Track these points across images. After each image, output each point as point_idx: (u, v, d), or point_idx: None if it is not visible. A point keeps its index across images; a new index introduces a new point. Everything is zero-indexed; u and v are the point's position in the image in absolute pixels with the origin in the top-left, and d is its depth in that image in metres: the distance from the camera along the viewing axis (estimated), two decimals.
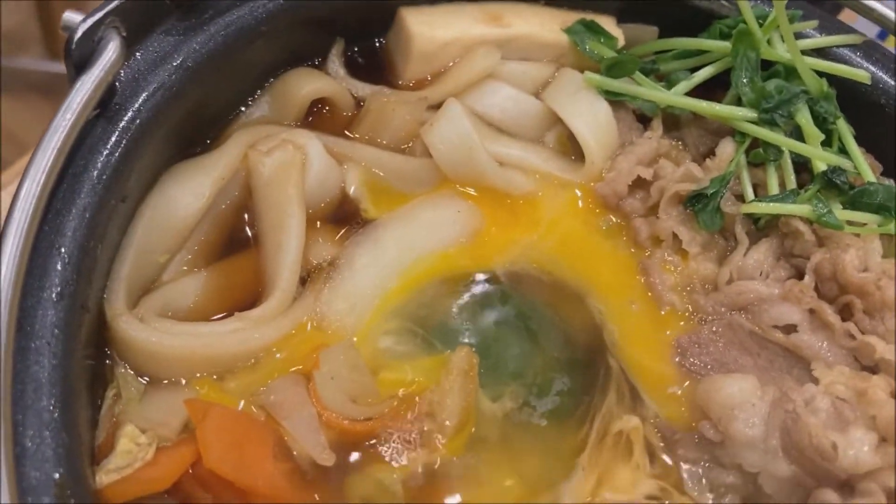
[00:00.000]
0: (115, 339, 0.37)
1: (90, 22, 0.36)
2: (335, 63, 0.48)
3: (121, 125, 0.37)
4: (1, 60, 2.04)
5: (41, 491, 0.30)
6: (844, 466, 0.37)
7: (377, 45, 0.51)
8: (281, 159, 0.42)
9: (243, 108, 0.46)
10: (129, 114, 0.38)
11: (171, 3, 0.40)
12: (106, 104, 0.37)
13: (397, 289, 0.42)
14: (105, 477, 0.34)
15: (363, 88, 0.48)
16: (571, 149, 0.50)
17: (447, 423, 0.38)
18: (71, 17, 0.37)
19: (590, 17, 0.52)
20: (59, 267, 0.34)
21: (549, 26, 0.52)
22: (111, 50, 0.37)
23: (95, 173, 0.36)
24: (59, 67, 2.19)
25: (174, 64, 0.40)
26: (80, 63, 0.36)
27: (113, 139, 0.37)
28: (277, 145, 0.43)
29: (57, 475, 0.30)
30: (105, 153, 0.36)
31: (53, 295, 0.33)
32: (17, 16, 2.17)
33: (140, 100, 0.38)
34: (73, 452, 0.32)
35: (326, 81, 0.47)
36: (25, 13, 2.20)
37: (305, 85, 0.46)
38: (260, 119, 0.46)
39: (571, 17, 0.53)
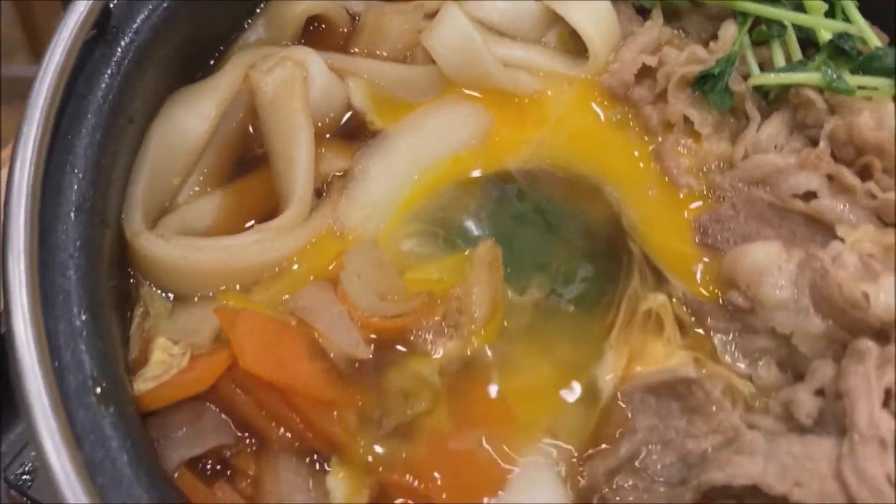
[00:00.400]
0: (137, 257, 0.37)
1: None
2: None
3: (120, 46, 0.37)
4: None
5: (82, 394, 0.30)
6: (878, 314, 0.37)
7: None
8: (282, 76, 0.42)
9: (240, 32, 0.46)
10: (128, 36, 0.38)
11: None
12: (102, 27, 0.37)
13: (414, 194, 0.42)
14: (142, 385, 0.34)
15: (357, 3, 0.47)
16: (573, 46, 0.49)
17: (476, 313, 0.38)
18: None
19: None
20: (74, 184, 0.34)
21: None
22: None
23: (100, 94, 0.36)
24: None
25: None
26: None
27: (114, 60, 0.37)
28: (277, 63, 0.43)
29: (94, 379, 0.30)
30: (108, 74, 0.36)
31: (72, 211, 0.33)
32: None
33: (137, 22, 0.38)
34: (109, 358, 0.32)
35: None
36: (8, 21, 2.18)
37: (299, 3, 0.46)
38: (257, 42, 0.46)
39: None
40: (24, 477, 0.41)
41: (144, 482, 0.30)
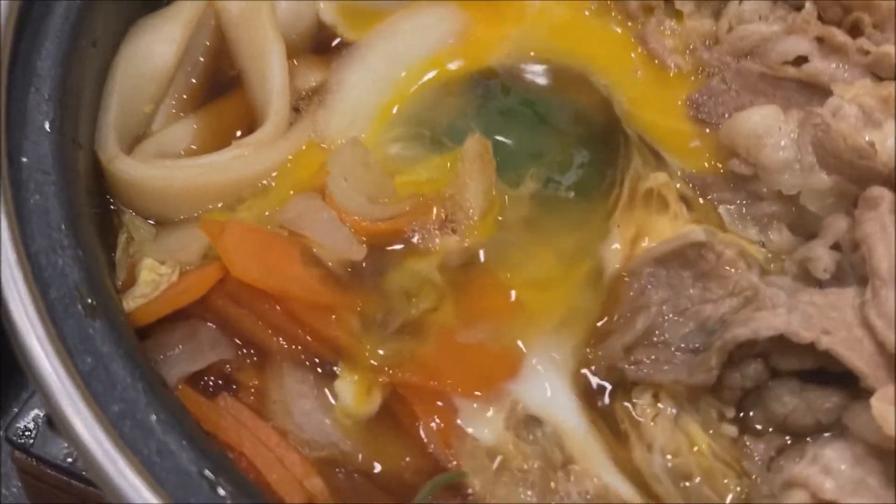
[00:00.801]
0: (115, 182, 0.36)
1: None
2: None
3: None
4: None
5: (68, 303, 0.28)
6: (885, 160, 0.36)
7: None
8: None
9: None
10: None
11: None
12: None
13: (394, 98, 0.41)
14: (132, 303, 0.33)
15: None
16: None
17: (471, 208, 0.37)
18: None
19: None
20: (41, 105, 0.32)
21: None
22: None
23: (60, 13, 0.34)
24: None
25: None
26: None
27: None
28: None
29: (80, 292, 0.29)
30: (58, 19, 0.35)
31: (41, 130, 0.32)
32: None
33: None
34: (93, 273, 0.30)
35: None
36: None
37: None
38: None
39: None
40: (27, 434, 0.40)
41: (140, 387, 0.28)
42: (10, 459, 0.42)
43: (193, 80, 0.41)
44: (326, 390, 0.34)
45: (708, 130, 0.41)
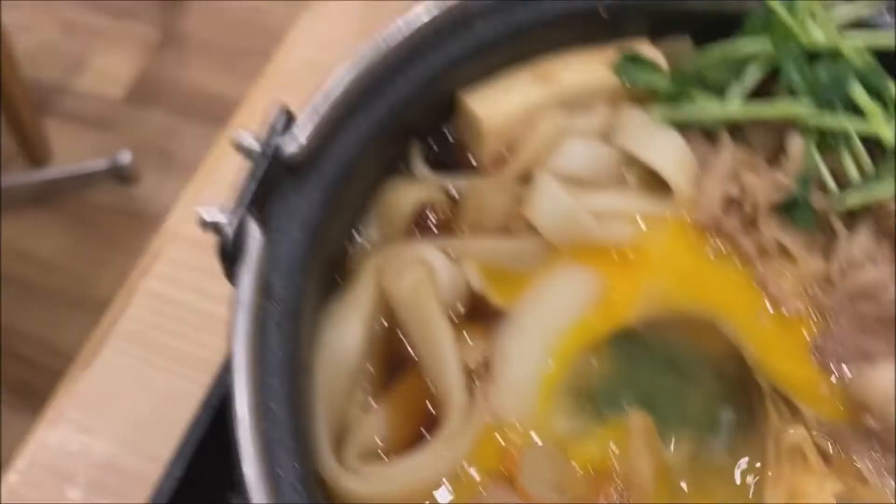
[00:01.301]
0: (335, 496, 0.40)
1: (237, 218, 0.38)
2: (419, 165, 0.50)
3: (281, 305, 0.39)
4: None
5: None
6: None
7: (447, 133, 0.53)
8: (412, 280, 0.45)
9: (359, 235, 0.48)
10: (281, 291, 0.40)
11: (285, 170, 0.42)
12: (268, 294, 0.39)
13: (554, 368, 0.45)
14: None
15: (454, 182, 0.50)
16: (654, 182, 0.52)
17: (643, 483, 0.41)
18: (211, 214, 0.39)
19: (625, 45, 0.55)
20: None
21: (595, 68, 0.54)
22: (255, 235, 0.39)
23: (280, 355, 0.38)
24: (44, 175, 2.19)
25: (300, 222, 0.42)
26: (233, 256, 0.39)
27: (276, 319, 0.39)
28: (404, 267, 0.45)
29: None
30: (276, 341, 0.38)
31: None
32: None
33: (282, 271, 0.40)
34: None
35: (422, 188, 0.49)
36: None
37: (405, 198, 0.48)
38: (376, 242, 0.48)
39: (609, 51, 0.55)
40: None
41: None
42: None
43: (374, 366, 0.45)
44: None
45: (835, 377, 0.46)
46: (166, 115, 2.36)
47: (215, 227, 0.39)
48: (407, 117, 0.49)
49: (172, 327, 0.72)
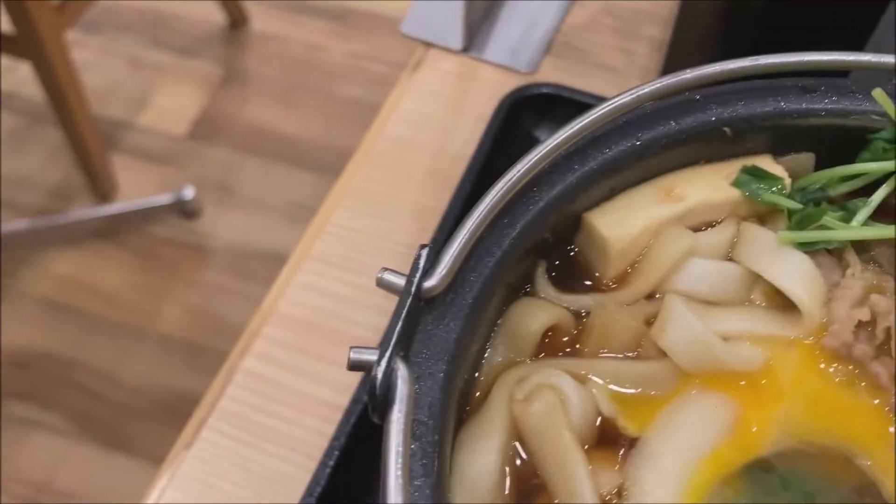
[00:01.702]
0: None
1: (385, 358, 0.39)
2: (545, 286, 0.51)
3: (426, 443, 0.40)
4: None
5: None
6: None
7: (569, 252, 0.53)
8: (543, 407, 0.45)
9: (485, 357, 0.49)
10: (425, 429, 0.40)
11: (422, 304, 0.43)
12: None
13: (688, 500, 0.45)
14: None
15: (578, 302, 0.50)
16: (779, 301, 0.52)
17: None
18: (361, 357, 0.40)
19: (749, 161, 0.55)
20: None
21: (717, 184, 0.54)
22: (403, 374, 0.39)
23: (428, 493, 0.39)
24: (110, 210, 2.25)
25: (441, 355, 0.42)
26: (383, 400, 0.39)
27: (420, 458, 0.40)
28: (535, 393, 0.45)
29: None
30: (422, 481, 0.39)
31: None
32: (57, 171, 2.24)
33: (427, 409, 0.41)
34: None
35: (550, 309, 0.49)
36: (64, 166, 2.26)
37: (533, 319, 0.48)
38: (502, 363, 0.48)
39: (732, 167, 0.55)
40: None
41: None
42: None
43: (505, 494, 0.45)
44: None
45: None
46: (227, 151, 2.41)
47: (364, 368, 0.40)
48: (532, 239, 0.49)
49: (271, 407, 0.73)
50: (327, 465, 0.65)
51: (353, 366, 0.39)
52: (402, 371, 0.39)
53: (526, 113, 0.89)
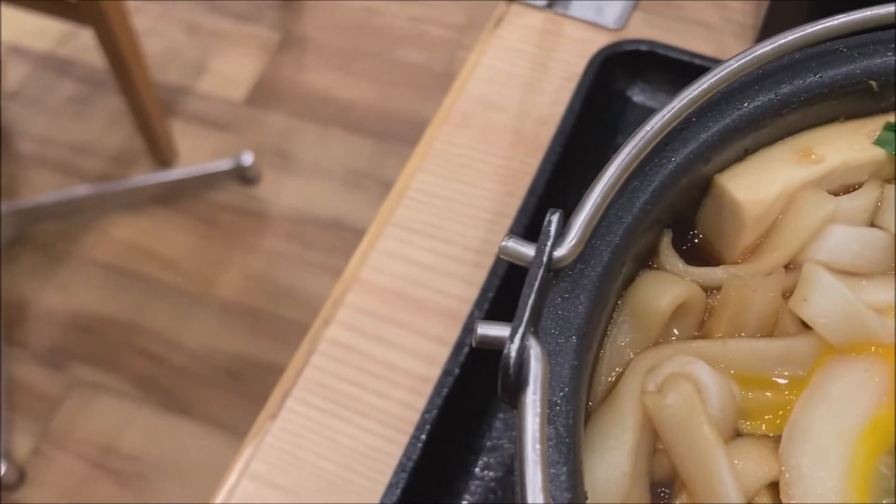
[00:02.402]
0: None
1: (518, 338, 0.36)
2: (672, 258, 0.47)
3: (560, 426, 0.37)
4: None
5: None
6: None
7: (696, 219, 0.49)
8: (678, 399, 0.41)
9: (608, 337, 0.45)
10: (560, 412, 0.37)
11: (551, 274, 0.39)
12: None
13: (856, 478, 0.41)
14: None
15: (710, 276, 0.46)
16: None
17: None
18: (490, 332, 0.36)
19: (892, 118, 0.50)
20: None
21: (859, 143, 0.49)
22: (537, 354, 0.36)
23: (565, 482, 0.36)
24: (170, 176, 2.26)
25: (573, 332, 0.39)
26: (515, 380, 0.36)
27: (554, 442, 0.36)
28: (669, 383, 0.42)
29: None
30: (559, 468, 0.36)
31: None
32: (118, 137, 2.25)
33: (561, 390, 0.38)
34: None
35: (680, 284, 0.45)
36: (125, 132, 2.28)
37: (661, 295, 0.44)
38: (628, 344, 0.45)
39: (874, 124, 0.50)
40: None
41: None
42: None
43: (639, 493, 0.41)
44: None
45: None
46: (284, 117, 2.40)
47: (493, 344, 0.36)
48: (663, 204, 0.45)
49: (357, 378, 0.71)
50: (419, 439, 0.62)
51: (482, 342, 0.36)
52: (534, 348, 0.36)
53: (617, 72, 0.84)
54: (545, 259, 0.37)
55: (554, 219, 0.38)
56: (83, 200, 2.06)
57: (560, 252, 0.39)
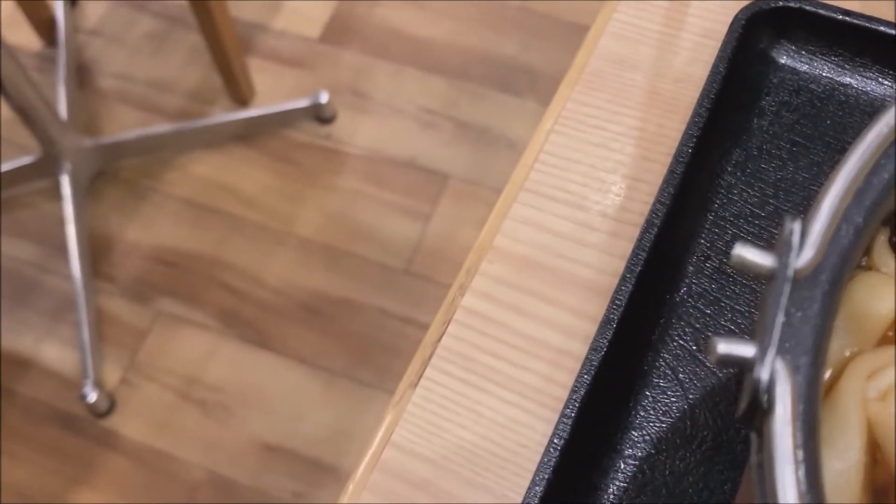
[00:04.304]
0: None
1: (769, 360, 0.34)
2: (886, 257, 0.44)
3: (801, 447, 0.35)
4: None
5: None
6: None
7: None
8: None
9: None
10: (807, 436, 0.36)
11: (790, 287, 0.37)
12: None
13: None
14: None
15: None
16: None
17: None
18: (735, 352, 0.35)
19: None
20: None
21: None
22: (784, 376, 0.34)
23: None
24: (248, 114, 2.25)
25: (809, 347, 0.37)
26: (765, 403, 0.34)
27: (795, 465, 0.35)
28: (891, 390, 0.40)
29: None
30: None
31: None
32: (196, 74, 2.25)
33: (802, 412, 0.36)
34: None
35: None
36: (203, 69, 2.27)
37: (882, 300, 0.42)
38: (845, 353, 0.43)
39: None
40: None
41: None
42: None
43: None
44: None
45: None
46: (359, 55, 2.37)
47: (738, 365, 0.35)
48: (887, 204, 0.43)
49: (496, 348, 0.70)
50: (569, 417, 0.62)
51: (723, 362, 0.35)
52: (781, 369, 0.34)
53: (762, 30, 0.79)
54: (790, 273, 0.35)
55: (796, 227, 0.36)
56: (164, 137, 2.07)
57: (799, 263, 0.36)
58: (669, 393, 0.66)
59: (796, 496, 0.32)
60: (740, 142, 0.76)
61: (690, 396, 0.65)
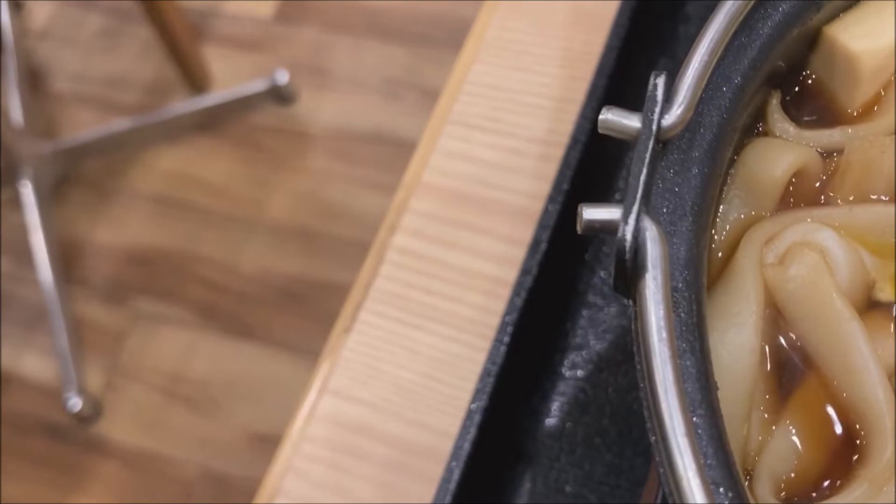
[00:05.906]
0: None
1: (633, 218, 0.32)
2: (782, 121, 0.42)
3: (683, 313, 0.33)
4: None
5: None
6: None
7: (804, 80, 0.44)
8: (805, 270, 0.37)
9: (719, 213, 0.41)
10: (681, 297, 0.33)
11: (660, 146, 0.35)
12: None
13: None
14: None
15: (826, 138, 0.41)
16: None
17: None
18: (597, 216, 0.33)
19: None
20: None
21: None
22: (653, 235, 0.32)
23: (693, 372, 0.32)
24: (207, 101, 2.21)
25: (686, 208, 0.35)
26: (632, 264, 0.32)
27: (680, 331, 0.33)
28: (792, 254, 0.38)
29: None
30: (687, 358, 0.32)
31: None
32: (151, 67, 2.21)
33: (680, 274, 0.34)
34: None
35: (794, 150, 0.40)
36: (157, 62, 2.24)
37: (776, 163, 0.40)
38: (741, 220, 0.41)
39: None
40: None
41: None
42: None
43: (766, 379, 0.38)
44: None
45: None
46: (315, 31, 2.33)
47: (603, 229, 0.32)
48: (773, 61, 0.40)
49: (430, 285, 0.68)
50: (502, 342, 0.60)
51: (588, 227, 0.32)
52: (650, 230, 0.32)
53: None
54: (654, 129, 0.33)
55: (660, 82, 0.33)
56: (124, 134, 2.04)
57: (668, 120, 0.34)
58: (607, 310, 0.64)
59: (669, 362, 0.30)
60: (667, 50, 0.73)
61: (630, 311, 0.63)
